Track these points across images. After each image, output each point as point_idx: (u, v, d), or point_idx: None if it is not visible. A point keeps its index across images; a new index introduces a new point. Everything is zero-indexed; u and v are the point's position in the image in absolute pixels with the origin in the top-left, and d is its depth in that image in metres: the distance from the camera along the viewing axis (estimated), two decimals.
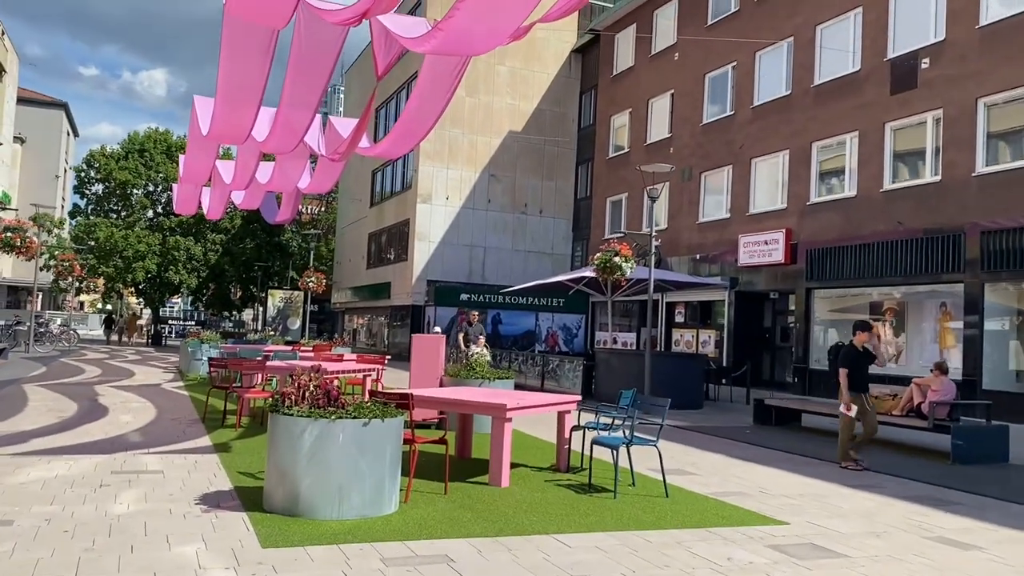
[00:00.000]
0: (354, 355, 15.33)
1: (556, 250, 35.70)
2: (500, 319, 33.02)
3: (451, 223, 34.18)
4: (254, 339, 22.37)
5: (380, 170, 39.58)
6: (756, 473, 9.37)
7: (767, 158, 23.74)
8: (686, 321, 27.05)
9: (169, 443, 9.65)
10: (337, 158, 13.24)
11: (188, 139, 14.51)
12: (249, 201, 19.86)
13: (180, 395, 15.44)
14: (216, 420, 11.54)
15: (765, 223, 23.34)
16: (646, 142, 29.38)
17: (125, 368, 22.26)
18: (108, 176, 44.25)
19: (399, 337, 35.67)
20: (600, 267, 16.02)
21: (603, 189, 32.10)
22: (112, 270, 42.16)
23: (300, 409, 6.38)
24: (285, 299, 37.65)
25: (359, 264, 41.66)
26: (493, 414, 7.79)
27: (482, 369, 11.83)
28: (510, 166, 35.03)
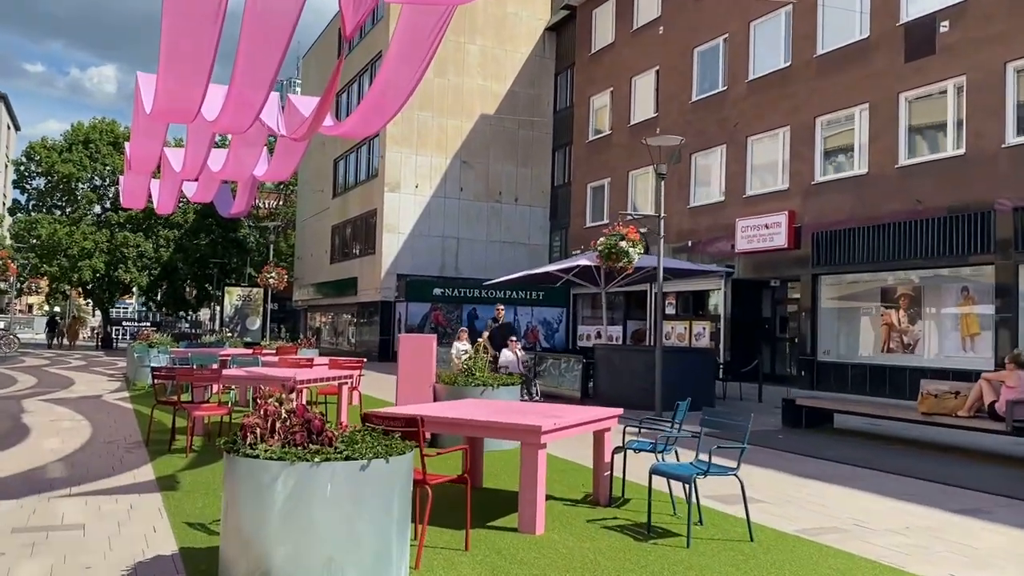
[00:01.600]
0: (325, 359, 13.38)
1: (533, 240, 33.86)
2: (476, 314, 31.05)
3: (421, 213, 32.15)
4: (209, 341, 20.19)
5: (342, 158, 37.38)
6: (833, 496, 7.62)
7: (765, 136, 22.14)
8: (677, 313, 25.40)
9: (100, 478, 7.62)
10: (299, 137, 11.47)
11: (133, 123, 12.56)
12: (202, 193, 18.17)
13: (123, 409, 13.32)
14: (162, 442, 9.50)
15: (764, 206, 21.75)
16: (630, 123, 27.66)
17: (65, 377, 19.94)
18: (50, 169, 41.37)
19: (367, 335, 33.57)
20: (604, 253, 14.20)
21: (583, 175, 30.32)
22: (56, 269, 39.39)
23: (270, 448, 4.45)
24: (243, 297, 35.28)
25: (322, 259, 39.42)
26: (523, 439, 5.93)
27: (482, 375, 9.96)
28: (483, 152, 33.08)
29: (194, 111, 10.10)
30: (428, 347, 9.87)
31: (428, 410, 6.57)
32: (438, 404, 7.25)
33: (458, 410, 6.64)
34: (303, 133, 11.03)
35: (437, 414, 6.24)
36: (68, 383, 17.97)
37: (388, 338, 31.68)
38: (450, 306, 31.02)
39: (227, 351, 16.52)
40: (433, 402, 9.64)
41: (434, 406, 7.04)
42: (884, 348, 19.02)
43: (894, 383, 18.27)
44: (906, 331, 18.61)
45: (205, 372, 9.46)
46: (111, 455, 8.85)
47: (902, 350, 18.59)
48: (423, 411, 6.42)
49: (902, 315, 18.66)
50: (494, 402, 7.94)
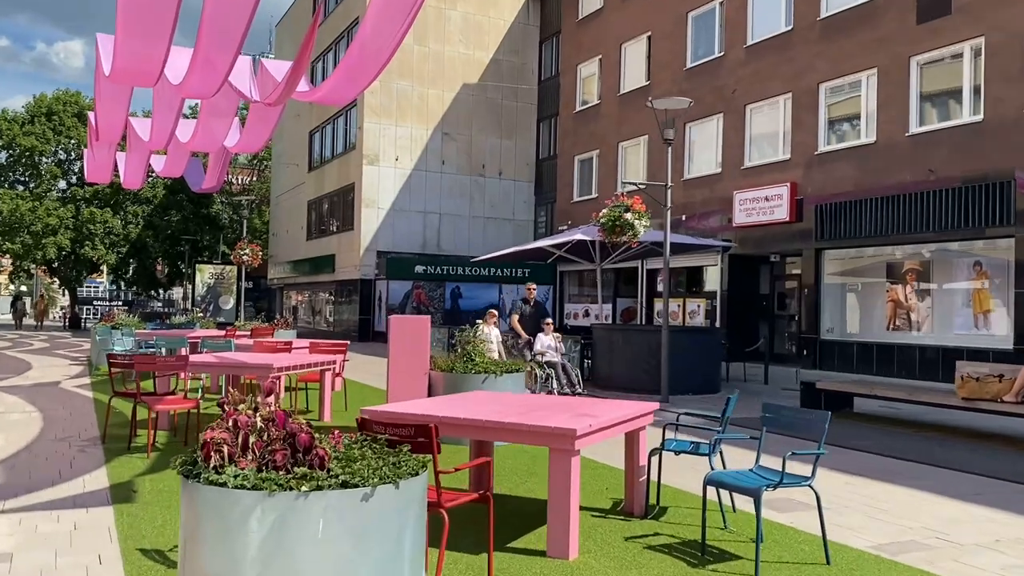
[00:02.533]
0: (305, 342, 12.24)
1: (518, 216, 32.72)
2: (460, 292, 29.97)
3: (402, 187, 30.87)
4: (179, 323, 18.94)
5: (318, 130, 35.93)
6: (895, 499, 6.66)
7: (765, 104, 21.12)
8: (671, 290, 24.41)
9: (42, 487, 6.48)
10: (272, 102, 10.33)
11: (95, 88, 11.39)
12: (171, 167, 17.04)
13: (82, 397, 12.12)
14: (121, 439, 8.36)
15: (764, 177, 20.77)
16: (620, 92, 26.52)
17: (22, 361, 18.62)
18: (11, 143, 39.54)
19: (346, 315, 32.37)
20: (607, 226, 13.12)
21: (570, 147, 29.17)
22: (19, 247, 37.71)
23: (241, 472, 3.36)
24: (215, 275, 33.84)
25: (298, 235, 38.03)
26: (553, 444, 4.87)
27: (483, 360, 8.89)
28: (465, 123, 31.81)
29: (156, 72, 9.00)
30: (422, 330, 8.78)
31: (434, 408, 5.49)
32: (442, 400, 6.17)
33: (470, 408, 5.56)
34: (276, 97, 9.98)
35: (448, 414, 5.16)
36: (24, 368, 16.68)
37: (368, 317, 30.52)
38: (432, 284, 29.88)
39: (197, 333, 15.32)
40: (429, 395, 8.58)
41: (438, 403, 5.96)
42: (890, 326, 18.19)
43: (903, 362, 17.46)
44: (913, 308, 17.78)
45: (168, 360, 8.31)
46: (60, 456, 7.69)
47: (908, 327, 17.78)
48: (429, 410, 5.34)
49: (909, 291, 17.82)
50: (505, 395, 6.88)
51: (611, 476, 6.92)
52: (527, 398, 6.75)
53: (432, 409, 5.41)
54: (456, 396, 6.44)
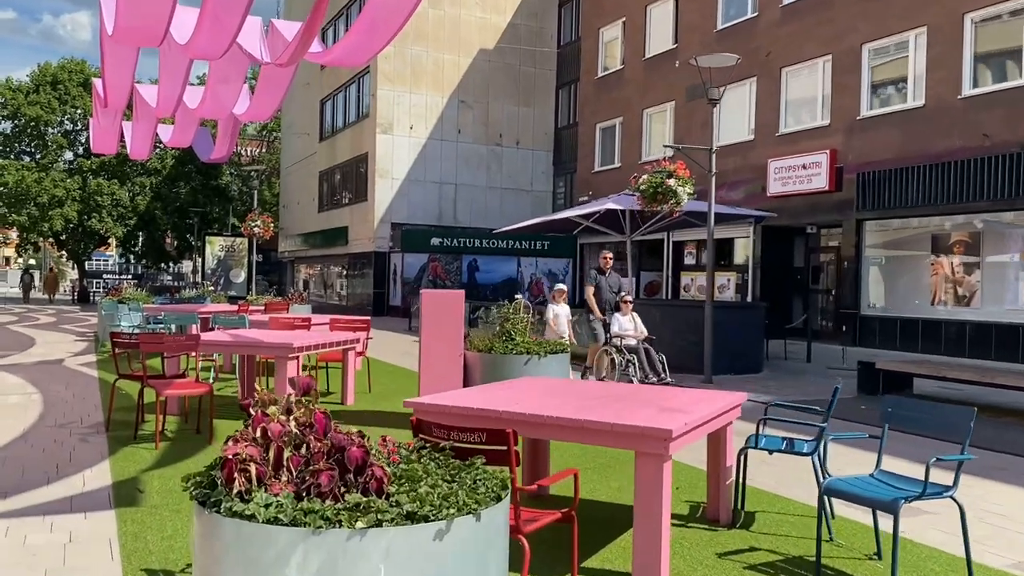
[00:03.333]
0: (325, 317, 11.39)
1: (536, 186, 31.74)
2: (477, 266, 29.08)
3: (416, 157, 29.91)
4: (189, 297, 18.14)
5: (330, 98, 34.90)
6: (1014, 502, 5.80)
7: (802, 67, 20.02)
8: (698, 262, 23.52)
9: (37, 485, 5.69)
10: (283, 63, 9.48)
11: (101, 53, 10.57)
12: (179, 137, 16.25)
13: (86, 377, 11.35)
14: (127, 426, 7.57)
15: (801, 144, 19.73)
16: (644, 56, 25.41)
17: (26, 336, 17.88)
18: (16, 112, 38.63)
19: (360, 288, 31.55)
20: (648, 193, 12.19)
21: (591, 114, 28.09)
22: (25, 219, 36.94)
23: (275, 499, 2.52)
24: (226, 247, 32.98)
25: (309, 207, 37.15)
26: (643, 448, 4.01)
27: (524, 340, 8.04)
28: (482, 90, 30.74)
29: (160, 30, 8.14)
30: (456, 306, 7.91)
31: (490, 400, 4.63)
32: (492, 390, 5.31)
33: (531, 400, 4.71)
34: (288, 58, 9.12)
35: (513, 409, 4.29)
36: (28, 344, 15.94)
37: (383, 291, 29.70)
38: (449, 257, 29.00)
39: (208, 308, 14.52)
40: (465, 378, 7.74)
41: (491, 393, 5.10)
42: (935, 300, 17.25)
43: (950, 339, 16.54)
44: (961, 282, 16.82)
45: (178, 339, 7.49)
46: (59, 447, 6.90)
47: (956, 302, 16.82)
48: (486, 403, 4.48)
49: (957, 264, 16.84)
50: (562, 382, 6.01)
51: (681, 474, 6.08)
52: (590, 386, 5.89)
53: (489, 401, 4.56)
54: (504, 384, 5.58)
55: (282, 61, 9.64)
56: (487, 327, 10.17)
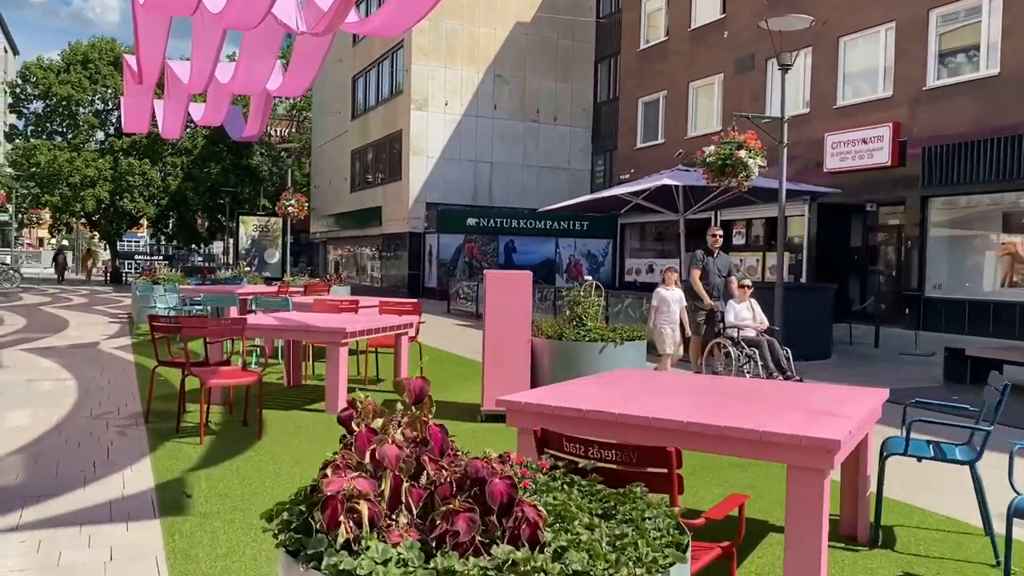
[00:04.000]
0: (373, 300, 10.74)
1: (574, 164, 30.87)
2: (514, 247, 28.33)
3: (452, 134, 29.15)
4: (225, 277, 17.61)
5: (362, 75, 34.19)
6: None
7: (862, 35, 18.96)
8: (748, 242, 22.61)
9: (72, 487, 5.08)
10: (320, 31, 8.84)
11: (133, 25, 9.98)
12: (211, 115, 15.72)
13: (122, 361, 10.81)
14: (167, 416, 6.98)
15: (861, 117, 18.72)
16: (690, 27, 24.39)
17: (60, 318, 17.46)
18: (47, 92, 38.36)
19: (394, 270, 30.96)
20: (716, 166, 11.36)
21: (633, 88, 27.12)
22: (57, 199, 36.74)
23: (395, 554, 1.83)
24: (260, 227, 32.49)
25: (341, 187, 36.56)
26: (799, 461, 3.28)
27: (596, 326, 7.33)
28: (518, 64, 29.86)
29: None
30: (524, 288, 7.21)
31: (600, 399, 3.92)
32: (592, 385, 4.58)
33: (647, 398, 3.99)
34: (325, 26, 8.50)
35: (666, 416, 3.56)
36: (61, 326, 15.49)
37: (417, 272, 29.07)
38: (485, 238, 28.27)
39: (246, 289, 13.95)
40: (533, 368, 7.05)
41: (595, 389, 4.38)
42: (1006, 282, 16.27)
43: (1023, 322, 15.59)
44: None
45: (222, 323, 6.86)
46: (95, 441, 6.31)
47: None
48: (596, 403, 3.76)
49: None
50: (667, 375, 5.30)
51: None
52: (705, 383, 5.14)
53: (614, 402, 3.84)
54: (602, 379, 4.86)
55: (318, 30, 9.01)
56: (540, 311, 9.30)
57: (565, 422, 3.64)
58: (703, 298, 9.79)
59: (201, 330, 6.63)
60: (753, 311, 9.66)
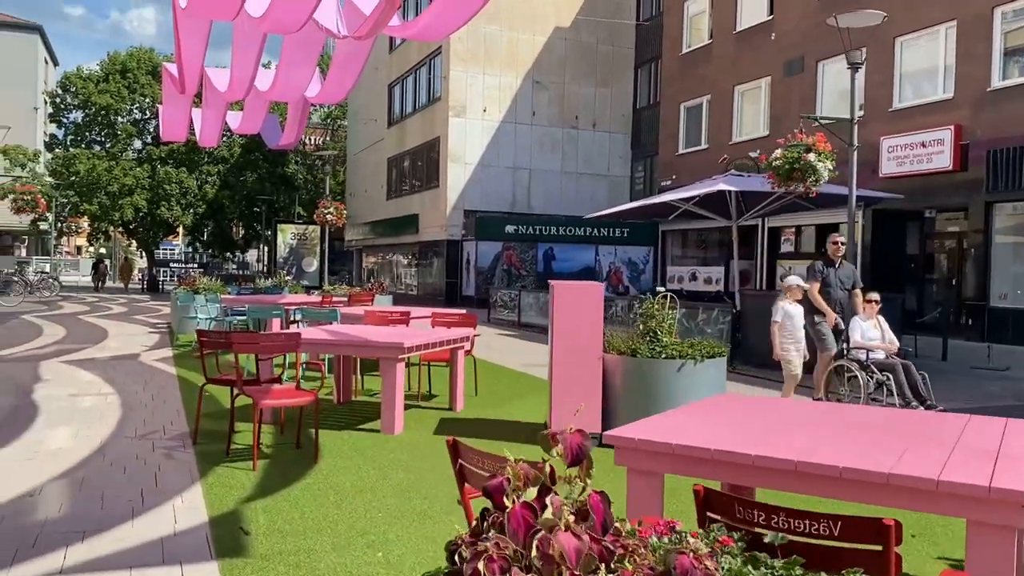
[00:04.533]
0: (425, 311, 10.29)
1: (613, 171, 30.34)
2: (553, 254, 27.86)
3: (490, 141, 28.76)
4: (265, 287, 17.32)
5: (398, 83, 33.96)
6: None
7: (920, 34, 18.26)
8: (797, 250, 21.92)
9: (118, 519, 4.67)
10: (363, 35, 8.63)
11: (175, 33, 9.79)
12: (248, 123, 15.70)
13: (164, 375, 10.47)
14: (216, 437, 6.57)
15: (919, 120, 18.00)
16: (735, 30, 23.80)
17: (99, 328, 17.27)
18: (87, 101, 38.62)
19: (431, 278, 30.61)
20: (783, 171, 10.80)
21: (675, 93, 26.56)
22: (96, 208, 36.91)
23: None
24: (298, 235, 32.26)
25: (377, 195, 36.34)
26: (984, 517, 2.75)
27: (672, 341, 6.80)
28: (557, 70, 29.42)
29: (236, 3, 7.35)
30: (594, 300, 6.72)
31: (740, 436, 3.40)
32: (699, 413, 4.07)
33: (774, 435, 3.46)
34: (368, 29, 8.22)
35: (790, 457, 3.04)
36: (101, 336, 15.25)
37: (455, 281, 28.68)
38: (524, 245, 27.82)
39: (288, 299, 13.60)
40: (604, 387, 6.54)
41: (712, 420, 3.86)
42: None
43: None
44: None
45: (276, 337, 6.44)
46: (142, 465, 5.91)
47: None
48: (717, 442, 3.24)
49: None
50: (783, 402, 4.77)
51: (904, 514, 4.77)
52: (830, 411, 4.59)
53: (725, 438, 3.33)
54: (708, 406, 4.33)
55: (361, 33, 8.73)
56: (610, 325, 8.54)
57: (689, 463, 3.14)
58: (826, 312, 8.57)
59: (253, 346, 6.22)
60: (881, 330, 8.56)
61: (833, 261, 9.03)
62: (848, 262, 9.42)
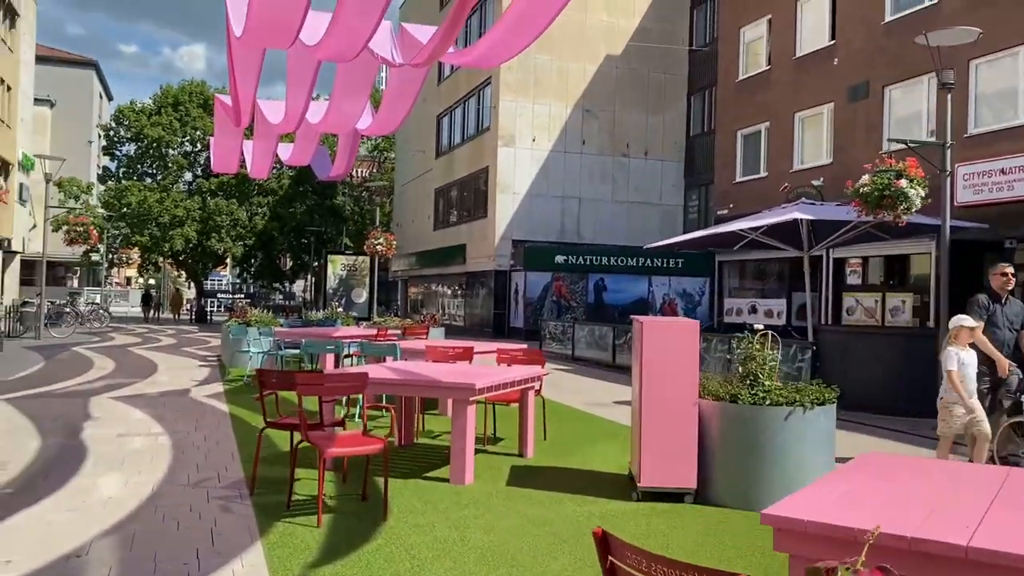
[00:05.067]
0: (491, 345, 9.72)
1: (665, 200, 29.69)
2: (604, 285, 27.21)
3: (539, 170, 28.35)
4: (317, 319, 16.94)
5: (447, 114, 33.83)
6: None
7: (998, 57, 17.42)
8: (864, 282, 20.99)
9: None
10: (421, 62, 8.42)
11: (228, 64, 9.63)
12: (299, 155, 15.64)
13: (217, 412, 10.03)
14: (274, 487, 6.04)
15: (998, 146, 17.10)
16: (795, 55, 23.12)
17: (149, 360, 17.01)
18: (139, 134, 39.16)
19: (479, 309, 30.13)
20: (871, 198, 10.08)
21: (731, 120, 25.88)
22: (147, 239, 37.22)
23: None
24: (348, 266, 32.02)
25: (424, 225, 36.12)
26: None
27: (776, 385, 6.14)
28: (608, 98, 28.99)
29: (292, 32, 7.27)
30: (690, 341, 6.09)
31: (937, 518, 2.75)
32: (878, 481, 3.41)
33: (971, 513, 2.80)
34: (425, 57, 7.98)
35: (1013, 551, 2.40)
36: (150, 370, 14.95)
37: (503, 312, 28.17)
38: (574, 276, 27.23)
39: (343, 331, 13.15)
40: (700, 437, 5.89)
41: (899, 493, 3.21)
42: None
43: None
44: None
45: (342, 378, 5.89)
46: (196, 519, 5.39)
47: None
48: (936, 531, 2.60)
49: None
50: (955, 466, 4.10)
51: None
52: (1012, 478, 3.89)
53: (916, 519, 2.68)
54: (857, 472, 3.64)
55: (419, 61, 8.45)
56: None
57: (889, 556, 2.49)
58: (998, 360, 7.16)
59: (318, 388, 5.69)
60: None
61: (999, 296, 7.58)
62: (1016, 297, 7.95)
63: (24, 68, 36.95)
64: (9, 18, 32.82)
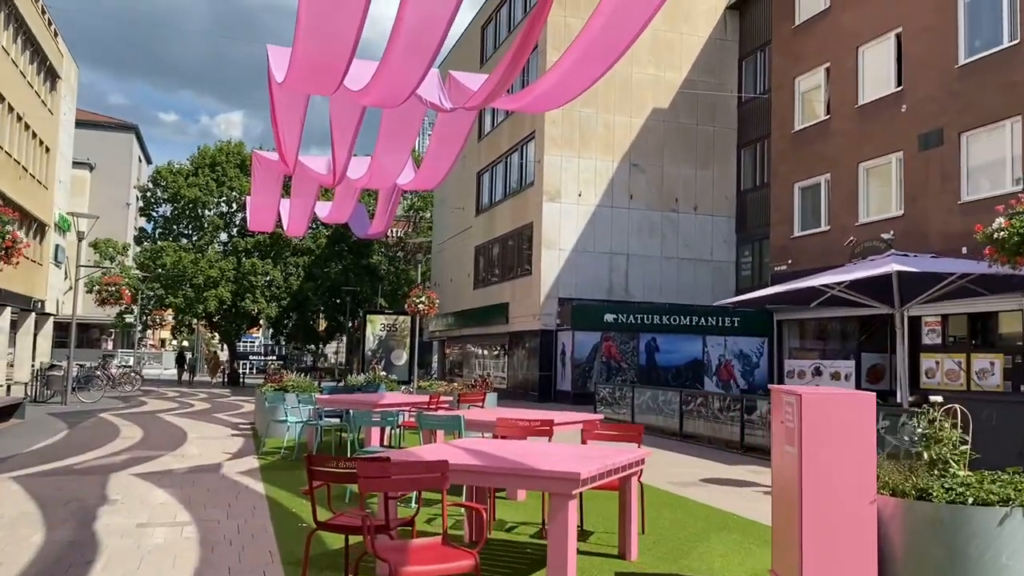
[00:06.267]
0: (574, 416, 8.34)
1: (716, 256, 28.36)
2: (656, 345, 25.75)
3: (585, 225, 27.24)
4: (359, 384, 15.68)
5: (488, 170, 33.02)
6: None
7: None
8: (944, 342, 19.37)
9: None
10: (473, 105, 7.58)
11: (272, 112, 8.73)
12: (337, 213, 14.89)
13: (251, 494, 8.74)
14: None
15: None
16: (857, 103, 21.95)
17: (178, 429, 15.80)
18: (176, 195, 38.80)
19: (523, 371, 28.74)
20: (1008, 244, 8.72)
21: (788, 173, 24.65)
22: (181, 300, 36.47)
23: None
24: (387, 326, 30.91)
25: (463, 284, 35.03)
26: None
27: (966, 474, 4.74)
28: (655, 152, 27.96)
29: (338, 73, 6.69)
30: (865, 419, 4.74)
31: None
32: None
33: None
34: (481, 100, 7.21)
35: None
36: (179, 440, 13.72)
37: (549, 374, 26.76)
38: (624, 335, 25.83)
39: (390, 398, 11.87)
40: (880, 548, 4.50)
41: None
42: None
43: None
44: None
45: (414, 468, 4.59)
46: None
47: None
48: None
49: None
50: None
51: None
52: None
53: None
54: None
55: (472, 104, 7.68)
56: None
57: None
58: None
59: (383, 482, 4.41)
60: None
61: None
62: None
63: (64, 130, 36.92)
64: (50, 80, 32.79)
